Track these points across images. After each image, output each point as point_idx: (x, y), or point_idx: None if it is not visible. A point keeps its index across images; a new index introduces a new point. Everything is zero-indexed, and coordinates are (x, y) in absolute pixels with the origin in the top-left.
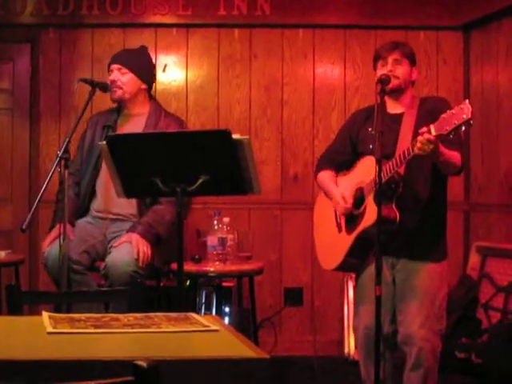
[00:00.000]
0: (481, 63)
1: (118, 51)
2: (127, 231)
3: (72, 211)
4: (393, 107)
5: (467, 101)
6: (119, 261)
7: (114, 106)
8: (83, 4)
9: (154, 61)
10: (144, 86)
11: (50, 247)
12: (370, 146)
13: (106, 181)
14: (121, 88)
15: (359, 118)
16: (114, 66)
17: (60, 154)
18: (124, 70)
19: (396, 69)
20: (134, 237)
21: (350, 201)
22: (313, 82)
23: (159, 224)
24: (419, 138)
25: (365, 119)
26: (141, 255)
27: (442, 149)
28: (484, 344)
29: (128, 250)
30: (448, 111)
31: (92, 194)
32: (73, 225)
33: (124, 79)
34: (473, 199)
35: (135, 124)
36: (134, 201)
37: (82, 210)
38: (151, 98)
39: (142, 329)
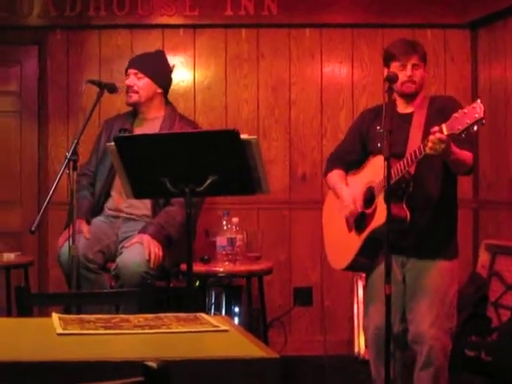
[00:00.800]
0: (488, 61)
1: (136, 55)
2: (139, 232)
3: (88, 209)
4: (403, 107)
5: (479, 100)
6: (130, 261)
7: (130, 109)
8: (90, 5)
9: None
10: (159, 91)
11: (65, 244)
12: (379, 145)
13: None
14: (137, 92)
15: (368, 116)
16: (131, 71)
17: (69, 155)
18: (140, 75)
19: (415, 74)
20: (146, 238)
21: (360, 203)
22: (320, 82)
23: (170, 225)
24: (431, 137)
25: (374, 118)
26: (152, 256)
27: (454, 148)
28: (494, 342)
29: (139, 251)
30: (460, 110)
31: (107, 194)
32: (89, 222)
33: (140, 84)
34: (482, 197)
35: (150, 128)
36: (148, 202)
37: (97, 210)
38: (167, 102)
39: (152, 329)
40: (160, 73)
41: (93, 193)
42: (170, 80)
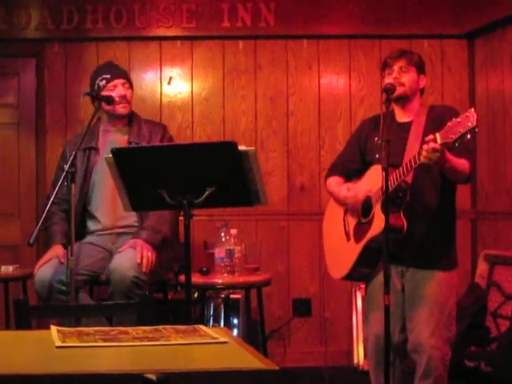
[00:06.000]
0: (485, 71)
1: (105, 67)
2: (132, 237)
3: (63, 234)
4: (401, 115)
5: (473, 109)
6: (121, 266)
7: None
8: (87, 18)
9: (158, 74)
10: None
11: (40, 270)
12: (377, 156)
13: (106, 198)
14: (129, 103)
15: (367, 126)
16: (119, 81)
17: (67, 167)
18: (127, 85)
19: (401, 76)
20: (139, 242)
21: (360, 195)
22: (318, 93)
23: (162, 224)
24: (424, 146)
25: (373, 128)
26: (144, 260)
27: (449, 156)
28: (493, 352)
29: (131, 256)
30: (454, 119)
31: (84, 215)
32: (65, 247)
33: (129, 93)
34: (480, 207)
35: (119, 138)
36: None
37: (79, 231)
38: None
39: (150, 342)
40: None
41: (64, 218)
42: None
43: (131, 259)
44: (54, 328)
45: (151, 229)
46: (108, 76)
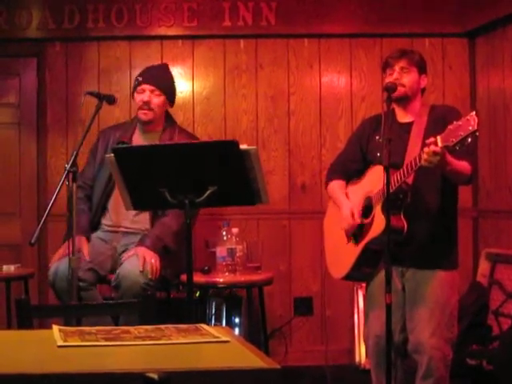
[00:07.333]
0: (487, 69)
1: (148, 69)
2: (136, 245)
3: (88, 225)
4: (402, 116)
5: (474, 112)
6: (131, 272)
7: (126, 118)
8: (89, 17)
9: None
10: (168, 106)
11: (57, 263)
12: (378, 154)
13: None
14: (152, 110)
15: (368, 125)
16: (147, 87)
17: (68, 167)
18: (157, 92)
19: (402, 77)
20: (142, 249)
21: (358, 217)
22: (319, 92)
23: (167, 235)
24: (425, 149)
25: (374, 127)
26: (148, 266)
27: (450, 159)
28: (495, 350)
29: (139, 262)
30: (455, 122)
31: (103, 208)
32: (89, 239)
33: (156, 101)
34: (481, 206)
35: (149, 141)
36: (147, 214)
37: (94, 224)
38: (167, 114)
39: (152, 341)
40: (172, 90)
41: (90, 206)
42: (175, 96)
43: (139, 266)
44: (55, 327)
45: (154, 237)
46: (140, 79)
